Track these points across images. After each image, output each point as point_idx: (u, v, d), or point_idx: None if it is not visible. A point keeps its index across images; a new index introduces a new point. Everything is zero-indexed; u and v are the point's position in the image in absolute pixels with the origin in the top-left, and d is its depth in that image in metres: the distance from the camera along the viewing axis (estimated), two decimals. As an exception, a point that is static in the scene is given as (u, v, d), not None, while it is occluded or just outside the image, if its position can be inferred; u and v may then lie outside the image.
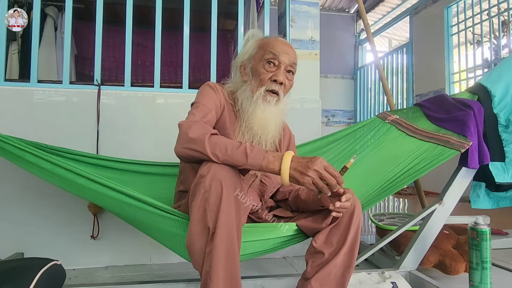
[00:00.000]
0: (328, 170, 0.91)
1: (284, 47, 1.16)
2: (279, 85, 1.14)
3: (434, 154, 1.34)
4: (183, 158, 1.00)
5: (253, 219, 1.19)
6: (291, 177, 0.91)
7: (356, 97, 6.69)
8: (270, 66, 1.14)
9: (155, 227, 1.09)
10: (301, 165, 0.91)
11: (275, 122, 1.16)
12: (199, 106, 1.09)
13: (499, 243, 1.97)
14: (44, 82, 1.87)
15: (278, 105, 1.16)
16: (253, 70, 1.17)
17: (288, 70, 1.17)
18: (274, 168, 0.92)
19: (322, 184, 0.90)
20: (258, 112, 1.12)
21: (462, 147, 1.30)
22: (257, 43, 1.20)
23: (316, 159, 0.91)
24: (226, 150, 0.92)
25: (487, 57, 4.47)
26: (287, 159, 0.92)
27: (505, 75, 1.51)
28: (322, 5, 6.50)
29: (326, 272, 1.02)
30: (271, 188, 1.22)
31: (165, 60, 3.84)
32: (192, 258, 0.93)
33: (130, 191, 1.02)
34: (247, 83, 1.18)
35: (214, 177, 0.89)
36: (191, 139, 0.95)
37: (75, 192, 1.23)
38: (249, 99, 1.14)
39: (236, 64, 1.24)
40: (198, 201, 0.89)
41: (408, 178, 1.32)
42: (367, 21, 2.09)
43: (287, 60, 1.15)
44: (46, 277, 1.01)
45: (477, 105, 1.44)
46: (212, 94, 1.15)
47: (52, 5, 3.30)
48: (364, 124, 1.70)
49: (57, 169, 1.09)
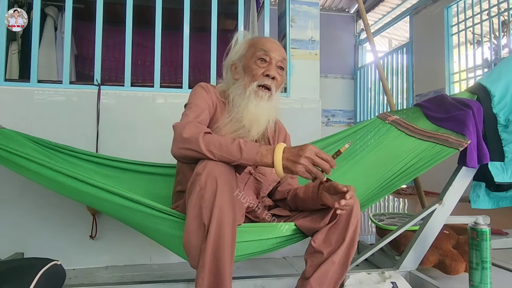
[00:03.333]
0: (319, 155, 0.92)
1: (274, 45, 1.20)
2: (271, 80, 1.17)
3: (432, 153, 1.34)
4: (180, 158, 1.02)
5: (251, 218, 1.19)
6: (285, 168, 0.92)
7: (356, 97, 6.69)
8: (262, 62, 1.18)
9: (154, 228, 1.09)
10: (293, 154, 0.92)
11: (267, 118, 1.17)
12: (192, 107, 1.11)
13: (499, 243, 1.97)
14: (44, 82, 1.86)
15: (271, 100, 1.18)
16: (244, 67, 1.20)
17: (279, 66, 1.19)
18: (267, 161, 0.93)
19: (315, 170, 0.92)
20: (251, 107, 1.14)
21: (461, 145, 1.30)
22: (247, 42, 1.24)
23: (306, 146, 0.93)
24: (220, 146, 0.94)
25: (487, 57, 4.47)
26: (279, 151, 0.93)
27: (504, 75, 1.50)
28: (322, 5, 6.50)
29: (324, 271, 1.03)
30: (267, 185, 1.22)
31: (165, 60, 3.83)
32: (188, 256, 0.93)
33: (126, 192, 1.02)
34: (239, 81, 1.20)
35: (210, 175, 0.90)
36: (186, 139, 0.97)
37: (70, 195, 1.22)
38: (242, 95, 1.16)
39: (227, 64, 1.27)
40: (194, 198, 0.90)
41: (407, 176, 1.32)
42: (367, 21, 2.09)
43: (278, 56, 1.18)
44: (46, 277, 1.01)
45: (476, 105, 1.44)
46: (204, 94, 1.17)
47: (52, 5, 3.30)
48: (365, 125, 1.70)
49: (50, 172, 1.08)
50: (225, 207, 0.89)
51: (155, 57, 1.89)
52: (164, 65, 3.64)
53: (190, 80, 1.96)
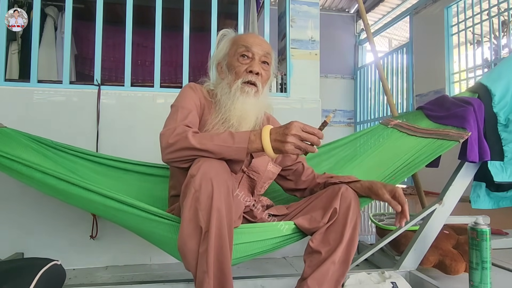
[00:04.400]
0: (305, 129, 0.92)
1: (256, 40, 1.19)
2: (255, 76, 1.15)
3: (433, 147, 1.33)
4: (173, 162, 1.00)
5: (249, 219, 1.19)
6: (274, 149, 0.93)
7: (356, 97, 6.69)
8: (244, 58, 1.16)
9: (150, 232, 1.09)
10: (279, 134, 0.92)
11: (255, 114, 1.15)
12: (179, 110, 1.10)
13: (499, 243, 1.97)
14: (44, 82, 1.87)
15: (258, 97, 1.16)
16: (228, 66, 1.19)
17: (263, 61, 1.17)
18: (257, 146, 0.94)
19: (304, 145, 0.92)
20: (238, 105, 1.12)
21: (461, 137, 1.29)
22: (230, 40, 1.23)
23: (291, 124, 0.93)
24: (211, 138, 0.94)
25: (487, 57, 4.47)
26: (266, 134, 0.93)
27: (505, 74, 1.50)
28: (322, 5, 6.50)
29: (323, 271, 1.02)
30: (261, 183, 1.21)
31: (165, 60, 3.83)
32: (184, 259, 0.92)
33: (122, 196, 1.01)
34: (224, 80, 1.19)
35: (204, 176, 0.89)
36: (172, 143, 0.97)
37: (64, 199, 1.21)
38: (227, 94, 1.15)
39: (213, 63, 1.26)
40: (189, 201, 0.89)
41: (407, 171, 1.30)
42: (367, 21, 2.09)
43: (260, 50, 1.16)
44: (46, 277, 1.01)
45: (477, 102, 1.44)
46: (191, 94, 1.16)
47: (52, 5, 3.30)
48: (367, 132, 1.70)
49: (41, 175, 1.07)
50: (223, 209, 0.88)
51: (155, 57, 1.89)
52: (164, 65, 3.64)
53: (190, 80, 1.95)
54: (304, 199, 1.21)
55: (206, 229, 0.87)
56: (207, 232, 0.87)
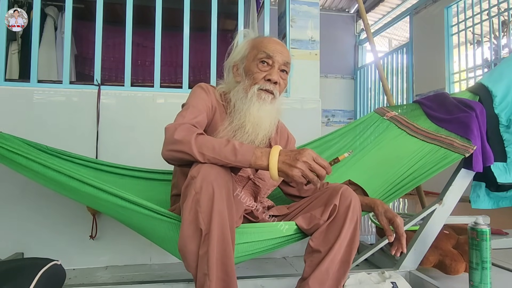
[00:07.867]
0: (317, 160, 0.90)
1: (278, 47, 1.15)
2: (273, 85, 1.13)
3: (437, 157, 1.32)
4: (170, 160, 0.99)
5: (250, 219, 1.19)
6: (280, 171, 0.90)
7: (356, 97, 6.69)
8: (264, 65, 1.13)
9: (152, 230, 1.09)
10: (290, 158, 0.90)
11: (269, 121, 1.13)
12: (189, 108, 1.07)
13: (499, 243, 1.97)
14: (44, 82, 1.86)
15: (274, 103, 1.14)
16: (246, 70, 1.15)
17: (282, 70, 1.15)
18: (262, 164, 0.91)
19: (311, 175, 0.89)
20: (253, 111, 1.10)
21: (467, 151, 1.28)
22: (249, 43, 1.19)
23: (304, 150, 0.90)
24: (213, 148, 0.91)
25: (487, 57, 4.47)
26: (275, 154, 0.91)
27: (506, 75, 1.50)
28: (322, 5, 6.50)
29: (323, 269, 1.01)
30: (265, 190, 1.21)
31: (165, 60, 3.84)
32: (184, 260, 0.91)
33: (124, 193, 1.01)
34: (240, 83, 1.16)
35: (205, 178, 0.88)
36: (177, 140, 0.94)
37: (69, 195, 1.21)
38: (243, 99, 1.12)
39: (229, 65, 1.22)
40: (189, 203, 0.88)
41: (414, 182, 1.30)
42: (367, 21, 2.09)
43: (281, 59, 1.13)
44: (46, 277, 1.01)
45: (479, 106, 1.43)
46: (203, 96, 1.13)
47: (52, 5, 3.29)
48: (362, 121, 1.69)
49: (50, 172, 1.08)
50: (225, 211, 0.88)
51: (155, 57, 1.89)
52: (164, 65, 3.65)
53: (190, 80, 1.96)
54: (305, 199, 1.21)
55: (207, 231, 0.86)
56: (207, 234, 0.86)
